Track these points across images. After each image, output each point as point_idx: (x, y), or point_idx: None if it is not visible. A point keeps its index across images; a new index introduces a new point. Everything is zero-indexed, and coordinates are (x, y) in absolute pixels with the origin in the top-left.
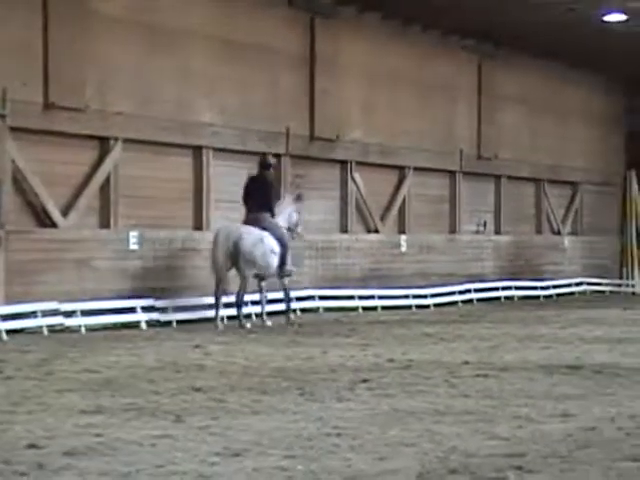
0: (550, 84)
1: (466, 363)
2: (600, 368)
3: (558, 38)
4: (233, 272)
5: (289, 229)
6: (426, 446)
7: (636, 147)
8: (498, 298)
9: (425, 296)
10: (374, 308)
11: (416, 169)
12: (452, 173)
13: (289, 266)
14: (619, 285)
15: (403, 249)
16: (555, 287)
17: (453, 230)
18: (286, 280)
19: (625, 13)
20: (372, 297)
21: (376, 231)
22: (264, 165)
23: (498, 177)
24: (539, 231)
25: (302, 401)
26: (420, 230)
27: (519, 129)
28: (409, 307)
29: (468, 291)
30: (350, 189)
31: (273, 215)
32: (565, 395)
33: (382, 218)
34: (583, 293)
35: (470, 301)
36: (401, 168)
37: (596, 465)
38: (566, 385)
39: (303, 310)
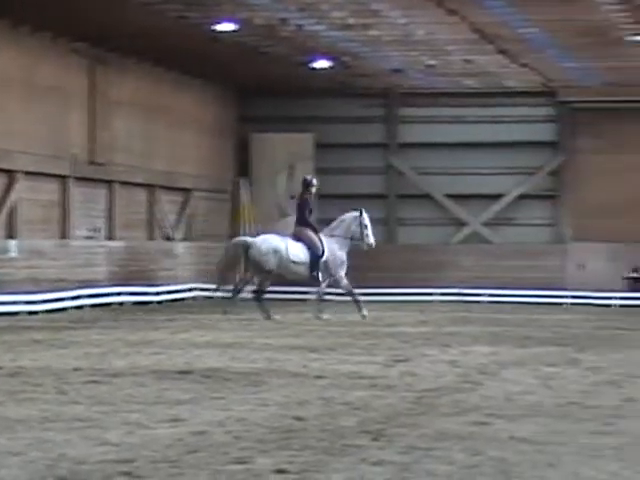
0: (164, 91)
1: (77, 369)
2: (210, 372)
3: (170, 45)
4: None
5: (352, 239)
6: (34, 454)
7: (246, 155)
8: (110, 304)
9: (35, 302)
10: None
11: (26, 173)
12: (63, 178)
13: (317, 274)
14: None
15: (13, 254)
16: (167, 293)
17: (64, 235)
18: (320, 283)
19: (235, 23)
20: None
21: None
22: (304, 185)
23: (111, 182)
24: (152, 237)
25: None
26: (31, 235)
27: (133, 135)
28: (18, 313)
29: (79, 297)
30: None
31: (315, 229)
32: (175, 400)
33: None
34: (195, 298)
35: (82, 307)
36: (10, 172)
37: (205, 469)
38: (176, 390)
39: None
